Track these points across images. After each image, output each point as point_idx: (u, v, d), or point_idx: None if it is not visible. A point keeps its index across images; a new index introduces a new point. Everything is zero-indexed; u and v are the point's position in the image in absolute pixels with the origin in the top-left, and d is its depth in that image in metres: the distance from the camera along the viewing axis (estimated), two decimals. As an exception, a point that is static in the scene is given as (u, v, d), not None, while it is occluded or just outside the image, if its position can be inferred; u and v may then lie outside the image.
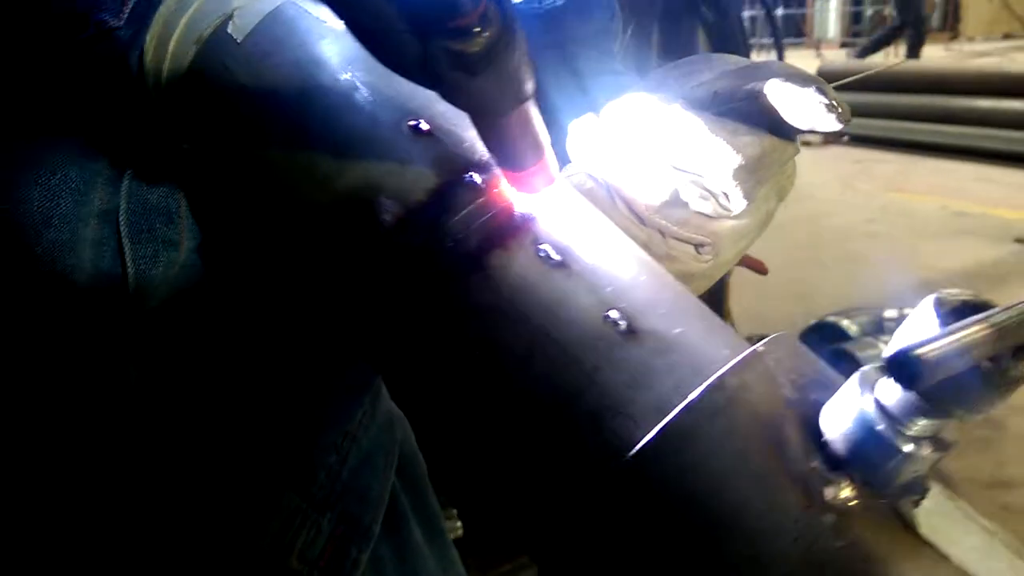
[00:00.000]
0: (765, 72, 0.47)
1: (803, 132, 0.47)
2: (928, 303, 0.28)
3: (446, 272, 0.37)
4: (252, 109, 0.43)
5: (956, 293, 0.28)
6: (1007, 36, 10.75)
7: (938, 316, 0.28)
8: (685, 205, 0.48)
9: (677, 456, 0.30)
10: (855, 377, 0.29)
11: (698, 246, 0.51)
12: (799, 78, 0.45)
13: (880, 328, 2.70)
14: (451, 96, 0.31)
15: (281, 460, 0.63)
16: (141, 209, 0.51)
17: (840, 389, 0.30)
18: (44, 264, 0.48)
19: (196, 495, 0.58)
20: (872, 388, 0.29)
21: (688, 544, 0.29)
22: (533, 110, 0.34)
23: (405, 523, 0.78)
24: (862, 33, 15.32)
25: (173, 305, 0.56)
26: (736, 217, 0.49)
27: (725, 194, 0.48)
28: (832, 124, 0.45)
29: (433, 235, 0.37)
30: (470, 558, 0.91)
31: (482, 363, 0.35)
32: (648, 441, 0.30)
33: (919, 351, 0.25)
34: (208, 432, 0.59)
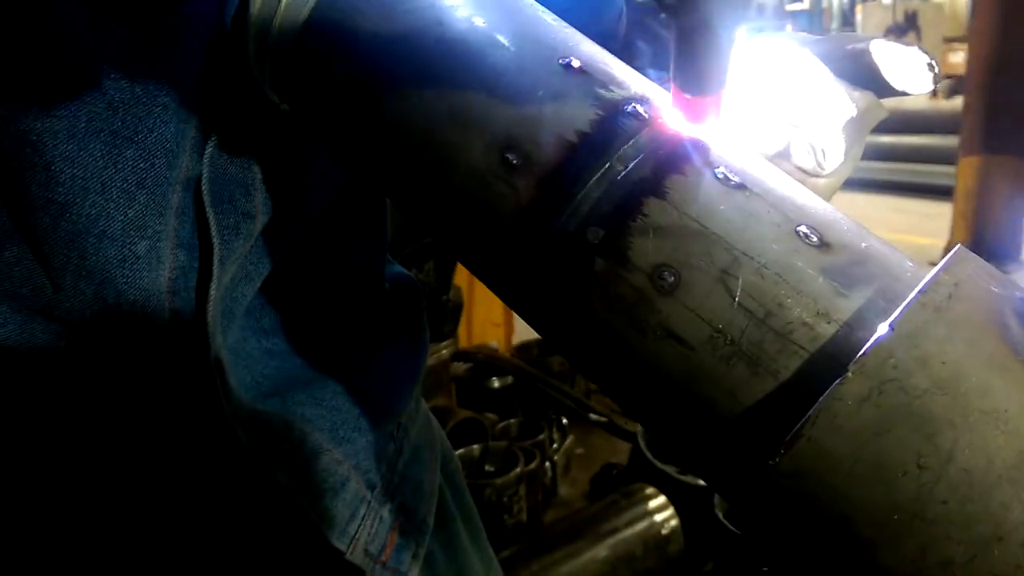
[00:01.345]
0: (859, 36, 0.50)
1: (895, 93, 0.50)
2: None
3: (622, 199, 0.36)
4: (386, 58, 0.42)
5: None
6: (899, 79, 11.45)
7: None
8: (789, 158, 0.49)
9: (912, 348, 0.30)
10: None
11: None
12: (898, 41, 0.48)
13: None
14: (689, 4, 0.31)
15: (346, 447, 0.61)
16: (222, 179, 0.49)
17: (1059, 276, 0.31)
18: (136, 228, 0.46)
19: (263, 483, 0.55)
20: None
21: (934, 430, 0.29)
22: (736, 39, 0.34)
23: (452, 519, 0.76)
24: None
25: (242, 284, 0.53)
26: (827, 176, 0.51)
27: (823, 151, 0.49)
28: (928, 84, 0.48)
29: (603, 163, 0.37)
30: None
31: (674, 285, 0.35)
32: (882, 336, 0.30)
33: None
34: (278, 416, 0.56)
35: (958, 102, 5.40)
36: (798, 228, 0.35)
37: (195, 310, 0.49)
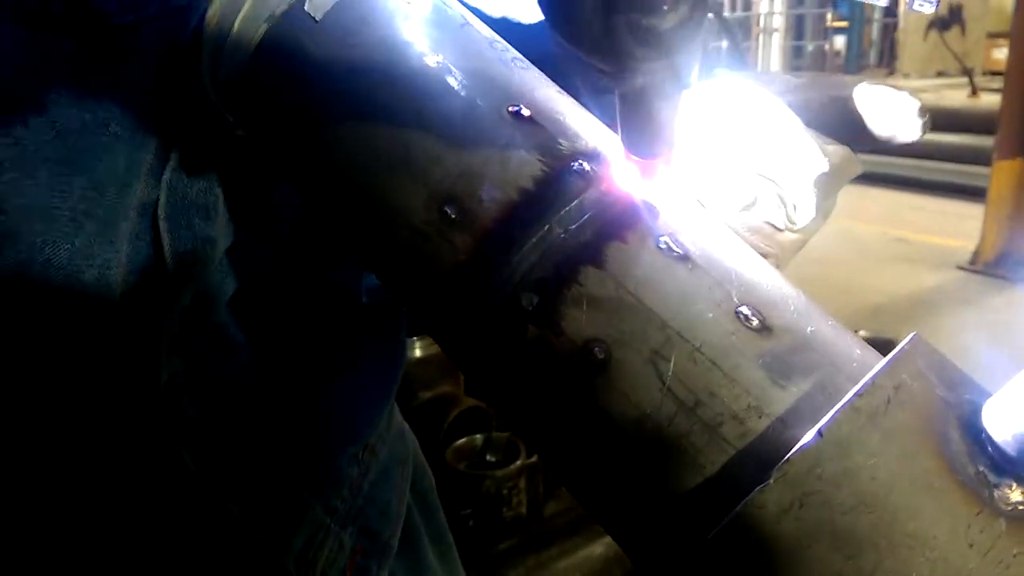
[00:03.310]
0: (843, 81, 0.47)
1: (877, 144, 0.47)
2: None
3: (559, 265, 0.34)
4: (334, 93, 0.40)
5: None
6: (940, 74, 11.20)
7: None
8: (757, 213, 0.47)
9: (840, 458, 0.28)
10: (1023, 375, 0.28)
11: (763, 256, 0.50)
12: (885, 86, 0.46)
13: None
14: (626, 75, 0.29)
15: (306, 473, 0.60)
16: (180, 203, 0.48)
17: (1007, 386, 0.29)
18: (82, 257, 0.45)
19: (220, 507, 0.54)
20: (1047, 386, 0.28)
21: (854, 551, 0.28)
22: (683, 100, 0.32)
23: (419, 539, 0.75)
24: (803, 68, 15.86)
25: (204, 303, 0.52)
26: (797, 231, 0.49)
27: (794, 205, 0.47)
28: (915, 133, 0.45)
29: (543, 225, 0.35)
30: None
31: (604, 362, 0.33)
32: (807, 443, 0.29)
33: None
34: (234, 440, 0.56)
35: (997, 100, 5.26)
36: (739, 309, 0.33)
37: (148, 336, 0.48)
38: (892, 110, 0.45)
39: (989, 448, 0.29)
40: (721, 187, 0.45)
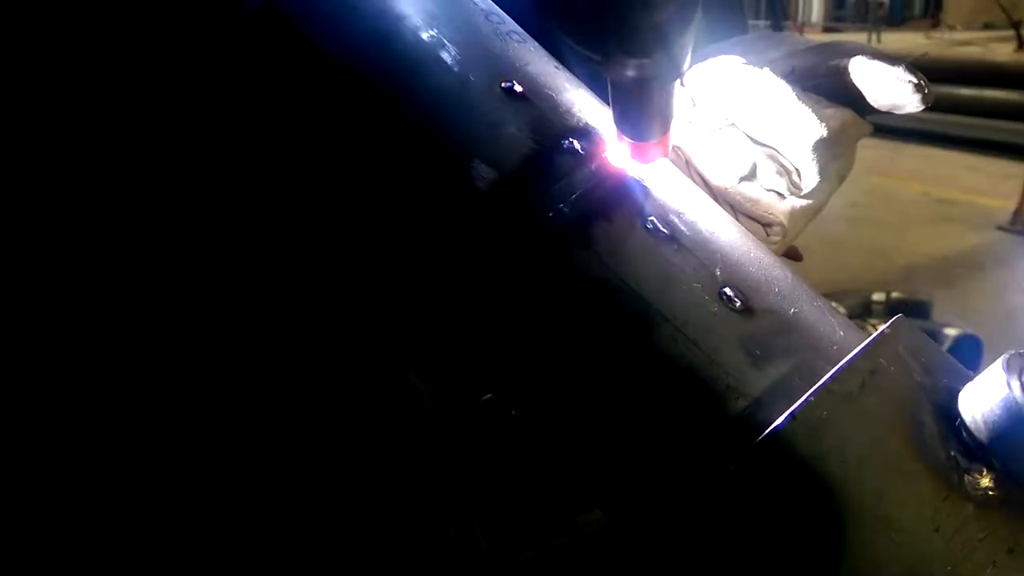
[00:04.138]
0: (847, 49, 0.46)
1: (879, 112, 0.47)
2: None
3: (546, 244, 0.35)
4: (329, 65, 0.40)
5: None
6: (988, 26, 10.79)
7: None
8: (758, 182, 0.47)
9: (811, 441, 0.29)
10: (999, 362, 0.28)
11: (767, 225, 0.49)
12: (885, 56, 0.44)
13: (868, 311, 2.70)
14: (618, 67, 0.29)
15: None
16: None
17: (982, 374, 0.29)
18: None
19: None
20: (1019, 373, 0.28)
21: (820, 531, 0.28)
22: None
23: None
24: (845, 18, 15.41)
25: None
26: (805, 196, 0.48)
27: (798, 171, 0.46)
28: (916, 104, 0.44)
29: (531, 204, 0.35)
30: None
31: (587, 342, 0.33)
32: (779, 425, 0.29)
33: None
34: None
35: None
36: (723, 290, 0.33)
37: None
38: (888, 85, 0.44)
39: (963, 434, 0.29)
40: (716, 158, 0.45)
